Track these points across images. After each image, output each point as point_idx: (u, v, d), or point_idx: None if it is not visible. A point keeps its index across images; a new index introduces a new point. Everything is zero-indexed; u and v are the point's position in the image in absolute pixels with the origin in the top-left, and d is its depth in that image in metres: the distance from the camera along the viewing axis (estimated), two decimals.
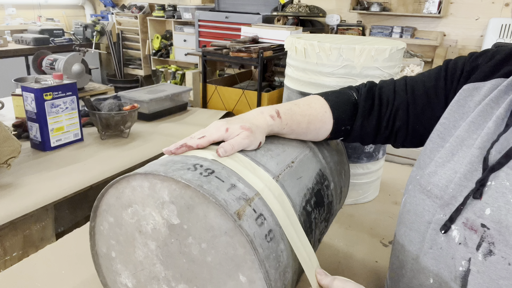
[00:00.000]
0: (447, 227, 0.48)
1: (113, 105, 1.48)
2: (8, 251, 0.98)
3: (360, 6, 3.85)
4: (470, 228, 0.45)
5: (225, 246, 0.48)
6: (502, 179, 0.44)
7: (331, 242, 0.91)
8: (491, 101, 0.50)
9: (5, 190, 1.07)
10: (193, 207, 0.49)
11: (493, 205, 0.44)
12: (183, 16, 4.50)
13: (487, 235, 0.44)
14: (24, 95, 1.30)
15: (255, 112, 0.61)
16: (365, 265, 0.83)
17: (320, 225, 0.63)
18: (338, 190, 0.71)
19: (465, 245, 0.46)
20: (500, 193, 0.44)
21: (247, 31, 2.62)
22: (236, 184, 0.51)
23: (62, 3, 5.26)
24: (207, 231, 0.49)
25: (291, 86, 1.04)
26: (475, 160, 0.48)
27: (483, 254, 0.44)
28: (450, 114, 0.55)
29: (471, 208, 0.46)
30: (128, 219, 0.56)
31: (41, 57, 2.02)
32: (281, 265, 0.49)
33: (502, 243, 0.42)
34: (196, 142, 0.55)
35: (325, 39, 1.00)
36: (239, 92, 2.26)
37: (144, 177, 0.52)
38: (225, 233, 0.47)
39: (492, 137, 0.47)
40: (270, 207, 0.51)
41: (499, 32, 3.25)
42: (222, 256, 0.48)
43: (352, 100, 0.67)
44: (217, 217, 0.47)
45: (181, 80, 4.77)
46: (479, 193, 0.45)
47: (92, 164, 1.28)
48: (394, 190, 1.18)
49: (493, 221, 0.43)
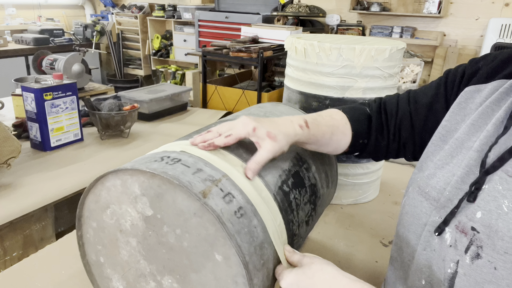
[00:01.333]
0: (441, 229, 0.48)
1: (113, 105, 1.48)
2: (8, 251, 0.98)
3: (360, 6, 3.85)
4: (461, 231, 0.46)
5: (196, 228, 0.49)
6: (495, 183, 0.44)
7: (331, 242, 0.91)
8: (492, 103, 0.50)
9: (5, 190, 1.07)
10: (162, 195, 0.50)
11: (484, 209, 0.44)
12: (183, 16, 4.50)
13: (476, 238, 0.44)
14: (24, 95, 1.30)
15: (285, 119, 0.61)
16: (365, 265, 0.83)
17: (305, 207, 0.63)
18: (322, 173, 0.71)
19: (455, 248, 0.46)
20: (492, 197, 0.44)
21: (247, 31, 2.62)
22: (203, 168, 0.52)
23: (62, 3, 5.25)
24: (178, 216, 0.50)
25: (291, 86, 1.04)
26: (473, 163, 0.47)
27: (470, 257, 0.44)
28: (451, 117, 0.55)
29: (464, 211, 0.46)
30: (108, 220, 0.57)
31: (41, 57, 2.02)
32: (256, 240, 0.50)
33: (490, 247, 0.42)
34: (224, 141, 0.55)
35: (325, 39, 1.00)
36: (239, 92, 2.26)
37: (115, 175, 0.53)
38: (194, 214, 0.48)
39: (491, 140, 0.47)
40: (239, 186, 0.52)
41: (499, 32, 3.25)
42: (196, 238, 0.49)
43: (367, 113, 0.68)
44: (184, 200, 0.49)
45: (181, 80, 4.77)
46: (473, 196, 0.45)
47: (92, 164, 1.28)
48: (394, 190, 1.18)
49: (483, 225, 0.43)
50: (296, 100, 1.02)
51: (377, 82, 0.94)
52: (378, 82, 0.94)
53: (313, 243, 0.90)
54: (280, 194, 0.58)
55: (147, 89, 1.88)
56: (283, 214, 0.57)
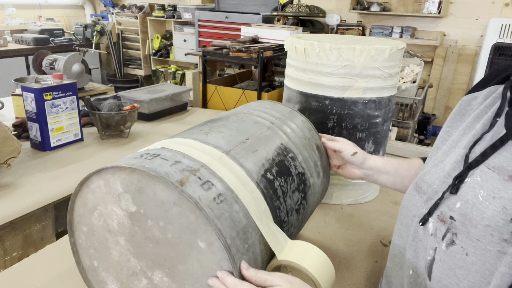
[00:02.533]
0: (425, 219, 0.51)
1: (113, 105, 1.48)
2: (8, 251, 0.98)
3: (360, 6, 3.85)
4: (441, 220, 0.48)
5: (178, 217, 0.49)
6: (476, 176, 0.47)
7: (331, 242, 0.91)
8: (486, 107, 0.53)
9: (5, 190, 1.07)
10: (143, 189, 0.51)
11: (463, 199, 0.47)
12: (183, 16, 4.50)
13: (452, 226, 0.47)
14: (24, 95, 1.30)
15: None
16: (365, 265, 0.83)
17: (293, 195, 0.64)
18: (311, 162, 0.72)
19: (435, 236, 0.49)
20: (471, 188, 0.46)
21: (247, 31, 2.62)
22: (181, 160, 0.53)
23: (62, 3, 5.25)
24: (159, 207, 0.50)
25: (291, 86, 1.04)
26: (460, 158, 0.50)
27: (446, 244, 0.47)
28: (453, 123, 0.58)
29: (446, 202, 0.49)
30: (97, 222, 0.58)
31: (41, 57, 2.02)
32: (238, 224, 0.50)
33: (464, 235, 0.45)
34: None
35: (325, 39, 1.00)
36: (239, 92, 2.26)
37: (98, 175, 0.54)
38: (174, 203, 0.49)
39: (477, 137, 0.50)
40: (218, 175, 0.53)
41: (499, 32, 3.25)
42: (178, 228, 0.50)
43: None
44: (163, 190, 0.49)
45: (181, 80, 4.77)
46: (455, 189, 0.48)
47: (92, 164, 1.28)
48: (394, 190, 1.18)
49: (460, 214, 0.46)
50: (296, 100, 1.02)
51: (377, 82, 0.94)
52: (378, 82, 0.94)
53: (313, 243, 0.90)
54: (264, 181, 0.59)
55: (147, 89, 1.88)
56: (268, 200, 0.57)
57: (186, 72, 2.47)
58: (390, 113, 1.03)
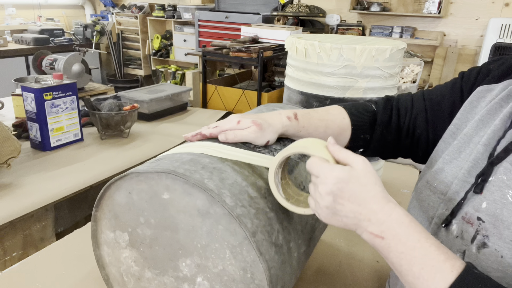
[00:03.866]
0: (448, 221, 0.49)
1: (113, 105, 1.48)
2: (8, 251, 0.98)
3: (360, 6, 3.84)
4: (468, 221, 0.46)
5: (163, 198, 0.51)
6: (500, 174, 0.45)
7: (332, 242, 0.91)
8: (501, 100, 0.51)
9: (5, 190, 1.07)
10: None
11: (489, 199, 0.45)
12: (183, 16, 4.50)
13: (482, 228, 0.45)
14: (24, 95, 1.30)
15: (274, 112, 0.62)
16: (366, 265, 0.83)
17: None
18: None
19: (461, 238, 0.47)
20: (496, 187, 0.45)
21: (247, 31, 2.62)
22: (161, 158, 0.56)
23: (62, 3, 5.25)
24: (151, 199, 0.52)
25: (291, 86, 1.04)
26: (480, 156, 0.48)
27: (477, 247, 0.45)
28: (462, 115, 0.56)
29: (471, 203, 0.47)
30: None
31: (41, 57, 2.02)
32: (234, 182, 0.50)
33: (496, 236, 0.43)
34: (210, 131, 0.59)
35: (325, 39, 1.00)
36: (239, 92, 2.26)
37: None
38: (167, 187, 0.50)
39: (498, 134, 0.48)
40: (200, 152, 0.55)
41: (499, 32, 3.25)
42: (177, 207, 0.51)
43: (371, 110, 0.68)
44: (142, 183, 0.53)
45: (181, 80, 4.77)
46: (480, 188, 0.46)
47: (92, 164, 1.28)
48: (394, 190, 1.18)
49: (488, 215, 0.44)
50: (296, 100, 1.02)
51: (378, 82, 0.94)
52: (378, 82, 0.94)
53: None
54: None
55: (147, 89, 1.88)
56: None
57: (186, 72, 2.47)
58: None
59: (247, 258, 0.47)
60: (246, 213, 0.47)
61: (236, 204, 0.47)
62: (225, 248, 0.48)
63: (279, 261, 0.49)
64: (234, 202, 0.47)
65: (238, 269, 0.48)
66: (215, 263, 0.50)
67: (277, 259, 0.48)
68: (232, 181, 0.50)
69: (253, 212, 0.48)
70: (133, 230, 0.56)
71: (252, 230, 0.46)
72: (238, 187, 0.49)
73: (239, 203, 0.47)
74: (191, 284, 0.53)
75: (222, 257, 0.49)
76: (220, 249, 0.48)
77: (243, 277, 0.48)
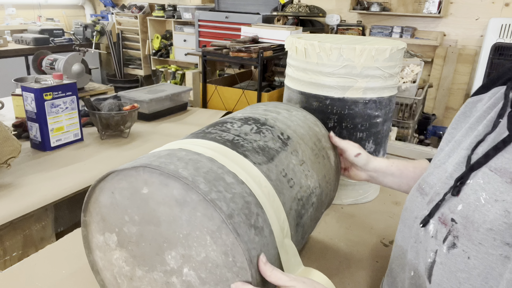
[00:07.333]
0: (426, 221, 0.51)
1: (113, 105, 1.48)
2: (8, 251, 0.98)
3: (360, 6, 3.85)
4: (443, 222, 0.48)
5: (142, 191, 0.52)
6: (478, 178, 0.46)
7: (331, 242, 0.91)
8: (489, 108, 0.52)
9: (5, 190, 1.07)
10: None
11: (465, 202, 0.46)
12: (183, 16, 4.50)
13: (454, 229, 0.46)
14: (24, 95, 1.30)
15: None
16: (366, 265, 0.83)
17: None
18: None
19: (435, 238, 0.48)
20: (473, 191, 0.46)
21: (247, 31, 2.62)
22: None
23: (62, 3, 5.25)
24: (132, 195, 0.53)
25: (291, 86, 1.04)
26: (462, 160, 0.50)
27: (447, 247, 0.46)
28: (457, 124, 0.57)
29: (448, 204, 0.48)
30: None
31: (41, 57, 2.02)
32: (209, 170, 0.51)
33: (465, 238, 0.44)
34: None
35: (325, 39, 1.00)
36: (239, 92, 2.26)
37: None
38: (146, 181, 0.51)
39: (479, 138, 0.49)
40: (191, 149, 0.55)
41: (499, 32, 3.24)
42: (157, 200, 0.51)
43: None
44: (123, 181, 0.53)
45: (181, 80, 4.77)
46: (457, 190, 0.48)
47: (92, 164, 1.28)
48: (394, 190, 1.18)
49: (461, 216, 0.46)
50: (296, 100, 1.02)
51: (378, 82, 0.94)
52: (378, 82, 0.94)
53: (314, 243, 0.90)
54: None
55: (147, 89, 1.88)
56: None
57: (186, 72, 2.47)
58: (390, 113, 1.03)
59: (227, 242, 0.47)
60: (222, 197, 0.48)
61: (211, 189, 0.48)
62: (205, 234, 0.48)
63: (260, 243, 0.49)
64: (208, 188, 0.48)
65: (220, 254, 0.48)
66: (198, 251, 0.50)
67: (258, 241, 0.49)
68: (207, 169, 0.51)
69: (229, 197, 0.48)
70: (120, 230, 0.56)
71: (228, 212, 0.46)
72: (214, 174, 0.50)
73: (214, 189, 0.48)
74: (179, 276, 0.53)
75: (203, 244, 0.49)
76: (201, 236, 0.49)
77: (225, 261, 0.48)
